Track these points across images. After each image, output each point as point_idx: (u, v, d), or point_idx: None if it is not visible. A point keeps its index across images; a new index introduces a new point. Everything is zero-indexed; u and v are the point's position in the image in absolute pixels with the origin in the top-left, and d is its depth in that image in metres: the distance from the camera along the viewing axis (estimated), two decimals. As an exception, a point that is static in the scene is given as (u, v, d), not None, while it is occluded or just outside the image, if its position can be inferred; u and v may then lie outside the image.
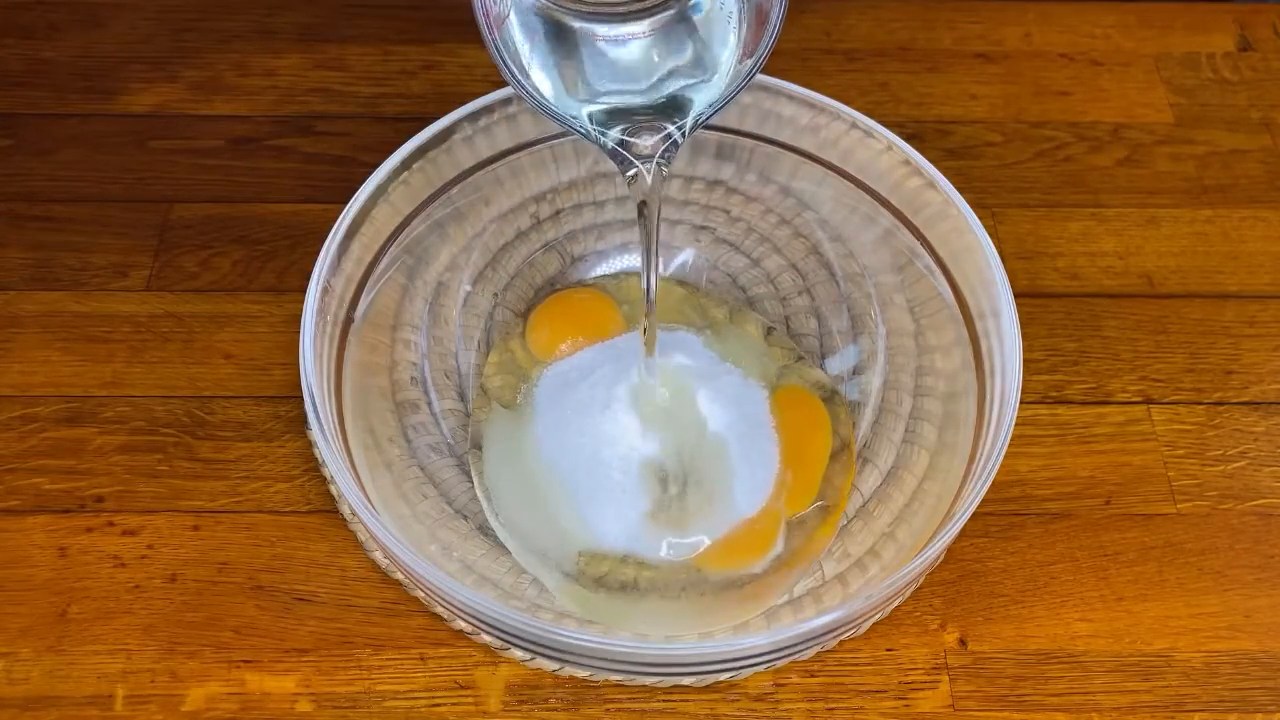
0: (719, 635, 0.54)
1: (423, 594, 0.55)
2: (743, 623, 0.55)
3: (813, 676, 0.55)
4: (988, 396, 0.56)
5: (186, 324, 0.64)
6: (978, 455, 0.54)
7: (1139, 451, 0.62)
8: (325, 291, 0.56)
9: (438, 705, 0.54)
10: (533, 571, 0.56)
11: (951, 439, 0.57)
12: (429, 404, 0.60)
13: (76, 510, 0.58)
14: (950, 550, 0.58)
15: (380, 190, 0.58)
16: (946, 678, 0.55)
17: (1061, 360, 0.65)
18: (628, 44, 0.46)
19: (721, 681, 0.54)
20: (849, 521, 0.58)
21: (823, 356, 0.63)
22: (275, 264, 0.66)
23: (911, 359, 0.61)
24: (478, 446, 0.59)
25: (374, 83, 0.74)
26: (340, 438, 0.54)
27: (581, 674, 0.54)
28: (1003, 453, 0.52)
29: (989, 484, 0.51)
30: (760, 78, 0.62)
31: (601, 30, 0.45)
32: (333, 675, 0.54)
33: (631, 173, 0.48)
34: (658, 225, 0.51)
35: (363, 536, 0.57)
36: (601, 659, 0.52)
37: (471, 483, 0.58)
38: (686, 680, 0.54)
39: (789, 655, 0.54)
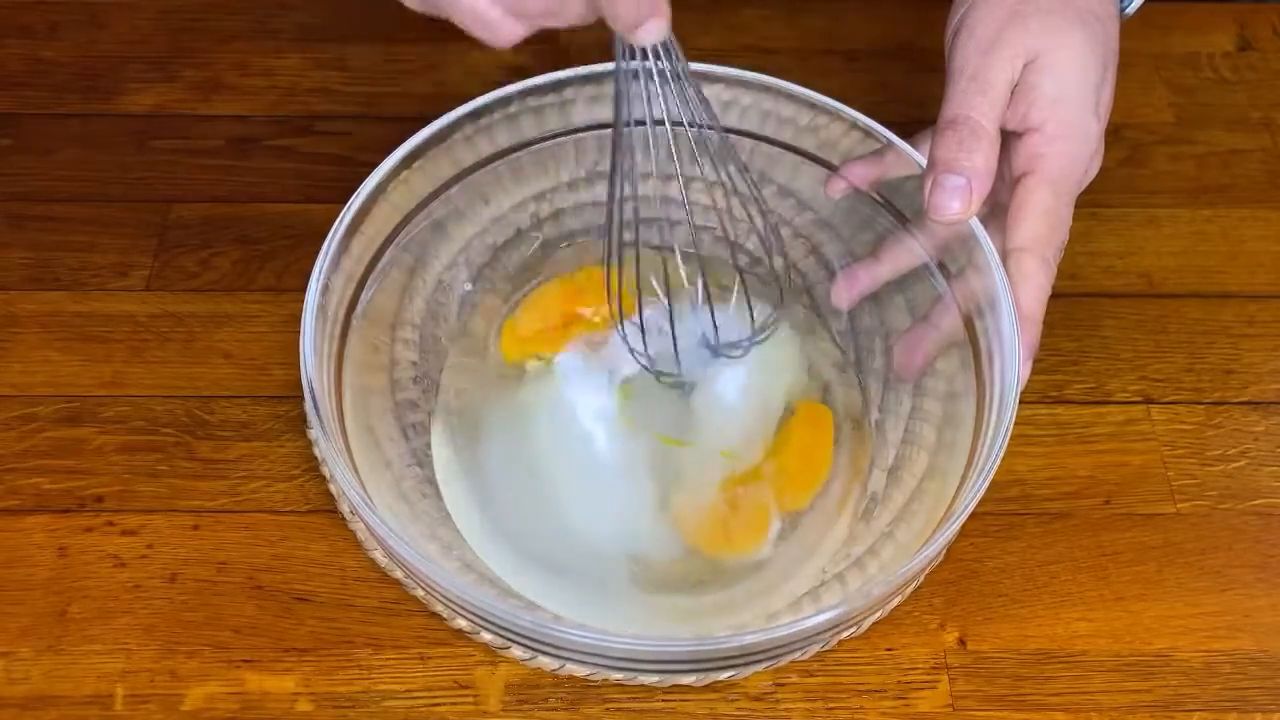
0: (719, 632, 0.54)
1: (422, 592, 0.55)
2: (742, 621, 0.55)
3: (812, 676, 0.55)
4: (986, 396, 0.56)
5: (186, 324, 0.64)
6: (976, 455, 0.54)
7: (1138, 451, 0.62)
8: (325, 290, 0.55)
9: (437, 705, 0.54)
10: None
11: (950, 439, 0.57)
12: (428, 403, 0.60)
13: (76, 510, 0.58)
14: (950, 550, 0.58)
15: (380, 189, 0.58)
16: (946, 677, 0.55)
17: (1061, 360, 0.64)
18: None
19: (721, 681, 0.54)
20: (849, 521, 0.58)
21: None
22: (275, 264, 0.66)
23: (911, 359, 0.61)
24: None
25: (374, 83, 0.74)
26: (340, 436, 0.54)
27: (581, 673, 0.54)
28: (1002, 452, 0.52)
29: (988, 483, 0.51)
30: (760, 77, 0.62)
31: None
32: (332, 675, 0.54)
33: None
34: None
35: (362, 535, 0.57)
36: (601, 656, 0.52)
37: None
38: (686, 679, 0.54)
39: (788, 653, 0.54)
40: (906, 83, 0.74)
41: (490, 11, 0.46)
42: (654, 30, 0.46)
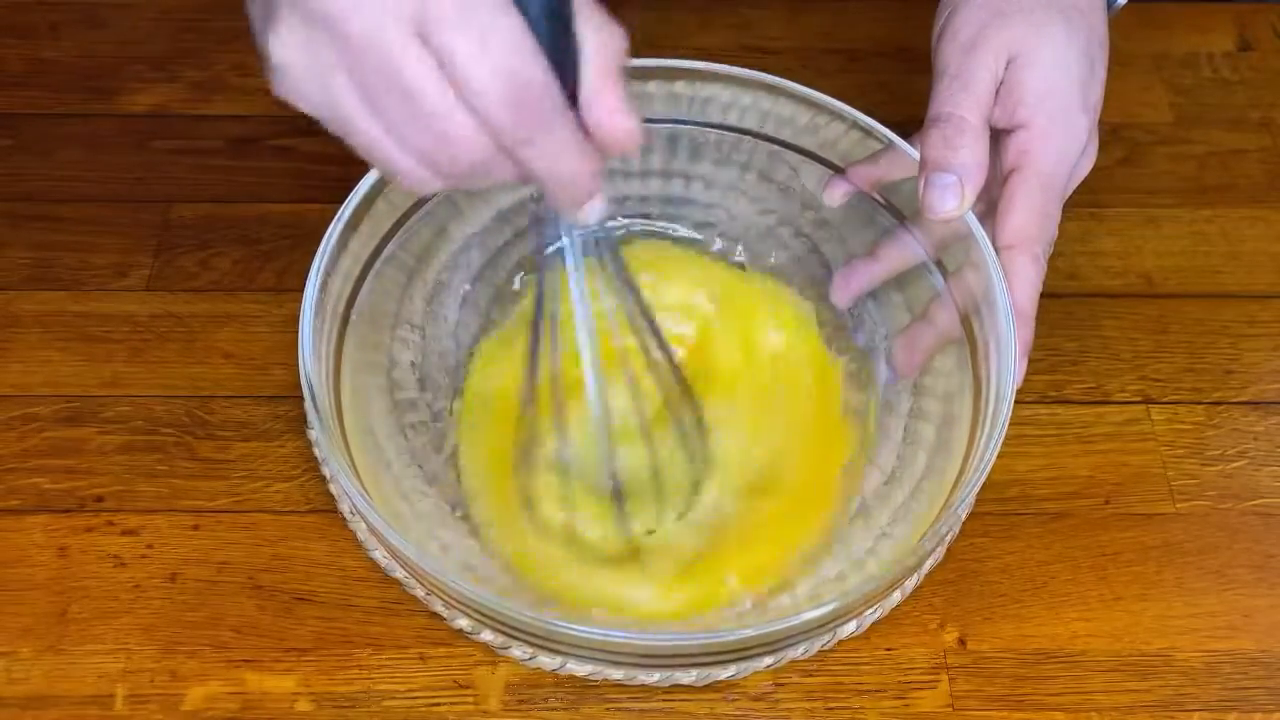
0: (719, 628, 0.54)
1: (423, 591, 0.55)
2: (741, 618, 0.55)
3: (812, 676, 0.55)
4: (983, 394, 0.56)
5: (186, 324, 0.64)
6: (973, 451, 0.54)
7: (1138, 451, 0.62)
8: (324, 288, 0.55)
9: (437, 705, 0.54)
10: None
11: (948, 437, 0.57)
12: (428, 403, 0.60)
13: (76, 510, 0.58)
14: (950, 550, 0.58)
15: (379, 187, 0.58)
16: (946, 677, 0.55)
17: (1061, 360, 0.65)
18: None
19: (721, 681, 0.54)
20: (849, 521, 0.58)
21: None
22: (275, 264, 0.66)
23: (910, 358, 0.61)
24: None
25: (374, 83, 0.74)
26: (340, 436, 0.54)
27: (581, 671, 0.54)
28: (998, 448, 0.52)
29: (984, 477, 0.51)
30: (760, 76, 0.62)
31: None
32: (332, 675, 0.54)
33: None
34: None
35: (362, 535, 0.57)
36: (601, 651, 0.52)
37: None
38: (686, 678, 0.54)
39: (790, 648, 0.54)
40: (906, 83, 0.74)
41: (399, 160, 0.42)
42: (597, 209, 0.44)
